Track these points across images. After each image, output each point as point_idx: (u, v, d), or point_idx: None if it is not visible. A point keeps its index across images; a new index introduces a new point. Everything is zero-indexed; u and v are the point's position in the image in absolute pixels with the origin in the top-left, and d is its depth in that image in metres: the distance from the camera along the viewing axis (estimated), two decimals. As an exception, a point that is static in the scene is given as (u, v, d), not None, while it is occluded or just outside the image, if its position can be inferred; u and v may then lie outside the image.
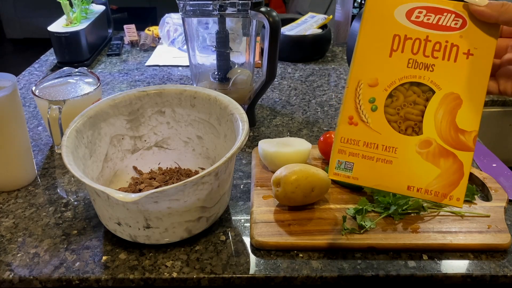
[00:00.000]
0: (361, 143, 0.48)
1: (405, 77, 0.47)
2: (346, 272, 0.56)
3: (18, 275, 0.55)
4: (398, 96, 0.48)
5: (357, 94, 0.48)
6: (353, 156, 0.49)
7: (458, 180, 0.47)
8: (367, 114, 0.48)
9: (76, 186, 0.72)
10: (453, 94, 0.47)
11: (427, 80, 0.47)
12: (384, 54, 0.47)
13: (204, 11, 0.82)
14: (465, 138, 0.47)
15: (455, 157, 0.47)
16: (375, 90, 0.48)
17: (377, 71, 0.47)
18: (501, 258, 0.58)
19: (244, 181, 0.72)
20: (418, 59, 0.47)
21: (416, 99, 0.47)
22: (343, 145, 0.49)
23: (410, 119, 0.48)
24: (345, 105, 0.48)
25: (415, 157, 0.48)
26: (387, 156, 0.48)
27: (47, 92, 0.79)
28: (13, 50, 3.60)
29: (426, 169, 0.47)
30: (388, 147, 0.48)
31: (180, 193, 0.53)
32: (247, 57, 0.91)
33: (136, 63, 1.21)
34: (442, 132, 0.47)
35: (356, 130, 0.48)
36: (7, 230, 0.63)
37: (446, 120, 0.47)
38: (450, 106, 0.47)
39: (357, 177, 0.49)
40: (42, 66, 1.20)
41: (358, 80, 0.48)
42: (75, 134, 0.60)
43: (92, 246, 0.60)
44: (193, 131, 0.71)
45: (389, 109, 0.48)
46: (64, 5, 1.13)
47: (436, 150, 0.47)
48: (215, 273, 0.56)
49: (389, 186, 0.48)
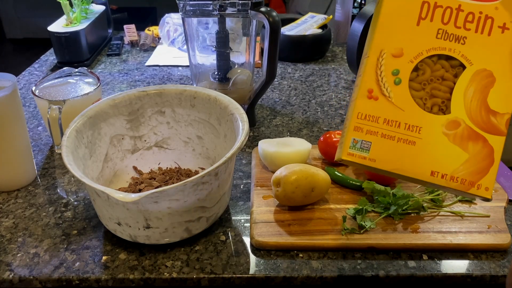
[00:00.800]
0: (381, 120, 0.44)
1: (433, 48, 0.43)
2: (346, 272, 0.56)
3: (18, 275, 0.55)
4: (425, 69, 0.43)
5: (378, 64, 0.43)
6: (371, 134, 0.44)
7: (487, 167, 0.43)
8: (389, 87, 0.43)
9: (76, 186, 0.72)
10: (486, 71, 0.43)
11: (458, 54, 0.43)
12: (411, 22, 0.43)
13: (204, 11, 0.82)
14: (497, 120, 0.43)
15: (485, 141, 0.43)
16: (399, 61, 0.43)
17: (403, 41, 0.43)
18: (501, 258, 0.58)
19: (244, 181, 0.72)
20: (449, 29, 0.43)
21: (444, 74, 0.43)
22: (360, 121, 0.44)
23: (437, 96, 0.43)
24: (364, 76, 0.44)
25: (441, 138, 0.43)
26: (409, 136, 0.43)
27: (47, 92, 0.79)
28: (13, 50, 3.60)
29: (453, 153, 0.43)
30: (412, 126, 0.43)
31: (180, 193, 0.53)
32: (247, 57, 0.91)
33: (136, 63, 1.21)
34: (472, 113, 0.43)
35: (376, 105, 0.44)
36: (7, 230, 0.63)
37: (477, 100, 0.43)
38: (482, 84, 0.43)
39: (375, 159, 0.44)
40: (42, 66, 1.20)
41: (380, 49, 0.43)
42: (75, 134, 0.60)
43: (92, 246, 0.60)
44: (193, 131, 0.71)
45: (414, 84, 0.44)
46: (64, 5, 1.13)
47: (464, 132, 0.43)
48: (215, 273, 0.56)
49: (410, 170, 0.44)
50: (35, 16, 3.48)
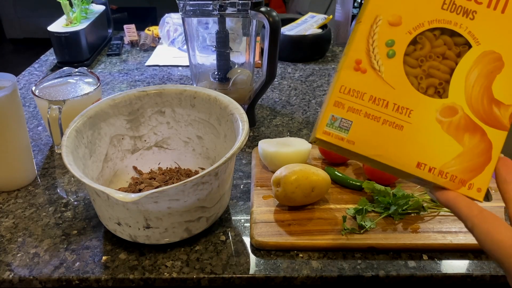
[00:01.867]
0: (367, 96, 0.38)
1: (437, 20, 0.37)
2: (346, 272, 0.56)
3: (18, 275, 0.55)
4: (424, 43, 0.38)
5: (371, 32, 0.38)
6: (354, 112, 0.38)
7: (483, 165, 0.38)
8: (380, 60, 0.38)
9: (76, 186, 0.72)
10: (494, 53, 0.37)
11: (464, 30, 0.37)
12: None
13: (204, 11, 0.82)
14: (500, 112, 0.37)
15: (484, 134, 0.38)
16: (396, 30, 0.38)
17: (403, 7, 0.37)
18: (501, 258, 0.58)
19: (244, 181, 0.72)
20: (457, 1, 0.37)
21: (446, 52, 0.38)
22: (342, 96, 0.38)
23: (435, 76, 0.38)
24: (353, 44, 0.38)
25: (433, 125, 0.38)
26: (397, 119, 0.38)
27: (47, 92, 0.79)
28: (13, 50, 3.60)
29: (445, 144, 0.38)
30: (401, 107, 0.38)
31: (180, 193, 0.53)
32: (247, 57, 0.91)
33: (136, 63, 1.21)
34: (473, 100, 0.37)
35: (363, 79, 0.38)
36: (7, 230, 0.63)
37: (480, 85, 0.37)
38: (488, 69, 0.37)
39: (354, 141, 0.38)
40: (42, 66, 1.20)
41: (376, 14, 0.38)
42: (75, 134, 0.60)
43: (92, 246, 0.60)
44: (193, 131, 0.71)
45: (409, 59, 0.38)
46: (64, 5, 1.13)
47: (461, 121, 0.38)
48: (215, 273, 0.56)
49: (394, 159, 0.38)
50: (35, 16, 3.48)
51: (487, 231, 0.36)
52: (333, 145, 0.38)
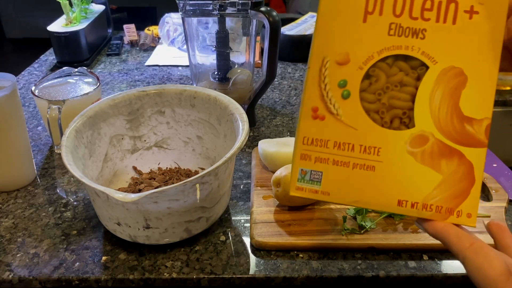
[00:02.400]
0: (331, 143, 0.36)
1: (386, 48, 0.35)
2: (346, 272, 0.56)
3: (17, 275, 0.55)
4: (379, 75, 0.36)
5: (321, 76, 0.36)
6: (322, 162, 0.37)
7: (467, 189, 0.36)
8: (336, 103, 0.36)
9: (75, 186, 0.72)
10: (454, 68, 0.35)
11: (417, 52, 0.35)
12: (355, 19, 0.35)
13: (204, 10, 0.82)
14: (474, 129, 0.35)
15: (462, 156, 0.35)
16: (346, 69, 0.36)
17: (348, 43, 0.35)
18: (501, 259, 0.58)
19: (244, 181, 0.72)
20: (403, 23, 0.35)
21: (403, 79, 0.36)
22: (307, 148, 0.37)
23: (397, 106, 0.36)
24: (306, 92, 0.37)
25: (406, 159, 0.36)
26: (367, 161, 0.36)
27: (47, 92, 0.78)
28: (13, 50, 3.60)
29: (423, 176, 0.36)
30: (368, 147, 0.36)
31: (180, 193, 0.53)
32: (247, 57, 0.91)
33: (135, 63, 1.21)
34: (442, 123, 0.35)
35: (323, 126, 0.36)
36: (6, 230, 0.63)
37: (447, 105, 0.35)
38: (451, 86, 0.35)
39: (328, 192, 0.37)
40: (41, 66, 1.19)
41: (322, 57, 0.36)
42: (75, 134, 0.60)
43: (92, 247, 0.60)
44: (193, 131, 0.71)
45: (366, 95, 0.36)
46: (63, 5, 1.13)
47: (434, 148, 0.35)
48: (215, 273, 0.55)
49: (373, 201, 0.36)
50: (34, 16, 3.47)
51: (480, 266, 0.34)
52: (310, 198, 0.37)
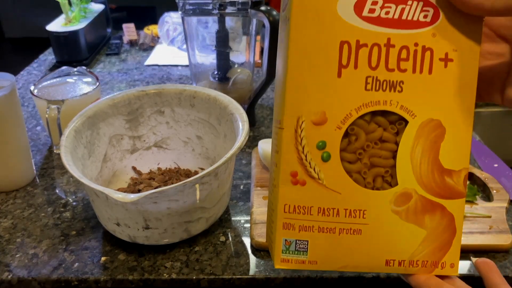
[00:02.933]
0: (315, 210, 0.35)
1: (364, 105, 0.34)
2: (347, 273, 0.55)
3: (16, 276, 0.55)
4: (358, 133, 0.34)
5: (298, 138, 0.34)
6: (306, 230, 0.35)
7: (450, 240, 0.36)
8: (317, 166, 0.34)
9: (75, 187, 0.72)
10: (433, 121, 0.34)
11: (396, 106, 0.34)
12: (330, 74, 0.33)
13: (203, 10, 0.82)
14: (454, 180, 0.35)
15: (444, 209, 0.35)
16: (324, 129, 0.34)
17: (323, 101, 0.33)
18: (502, 259, 0.57)
19: (244, 181, 0.72)
20: (380, 75, 0.33)
21: (383, 135, 0.35)
22: (289, 216, 0.35)
23: (379, 164, 0.35)
24: (283, 156, 0.34)
25: (391, 219, 0.35)
26: (353, 224, 0.35)
27: (46, 91, 0.78)
28: (12, 49, 3.59)
29: (408, 233, 0.35)
30: (353, 210, 0.35)
31: (179, 194, 0.53)
32: (247, 57, 0.90)
33: (135, 62, 1.21)
34: (423, 178, 0.35)
35: (304, 192, 0.34)
36: (5, 230, 0.62)
37: (427, 160, 0.35)
38: (430, 139, 0.34)
39: (316, 260, 0.36)
40: (40, 66, 1.19)
41: (297, 116, 0.34)
42: (74, 134, 0.60)
43: (91, 247, 0.59)
44: (192, 131, 0.71)
45: (346, 155, 0.35)
46: (63, 4, 1.12)
47: (418, 205, 0.35)
48: (214, 274, 0.55)
49: (361, 264, 0.36)
50: (34, 15, 3.47)
51: None
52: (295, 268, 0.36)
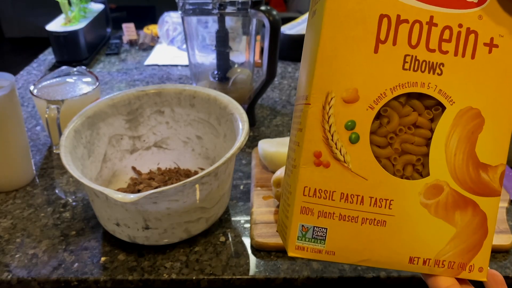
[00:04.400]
0: (337, 195, 0.32)
1: (400, 85, 0.31)
2: (346, 273, 0.55)
3: (16, 276, 0.55)
4: (391, 116, 0.32)
5: (325, 116, 0.31)
6: (326, 217, 0.32)
7: (481, 241, 0.33)
8: (343, 148, 0.32)
9: (74, 187, 0.72)
10: (472, 109, 0.32)
11: (434, 90, 0.31)
12: (365, 49, 0.31)
13: (203, 9, 0.82)
14: (489, 176, 0.32)
15: (476, 206, 0.33)
16: (354, 108, 0.31)
17: (357, 77, 0.31)
18: (503, 259, 0.57)
19: (244, 181, 0.72)
20: (420, 55, 0.31)
21: (418, 120, 0.32)
22: (308, 199, 0.32)
23: (410, 151, 0.33)
24: (307, 133, 0.32)
25: (419, 212, 0.32)
26: (378, 214, 0.32)
27: (46, 91, 0.78)
28: (12, 49, 3.59)
29: (437, 229, 0.33)
30: (380, 199, 0.32)
31: (179, 194, 0.53)
32: (247, 57, 0.90)
33: (135, 62, 1.21)
34: (457, 171, 0.32)
35: (328, 175, 0.32)
36: (5, 230, 0.62)
37: (463, 152, 0.32)
38: (468, 130, 0.32)
39: (334, 251, 0.33)
40: (40, 66, 1.19)
41: (326, 92, 0.31)
42: (74, 134, 0.60)
43: (91, 247, 0.59)
44: (192, 131, 0.71)
45: (377, 138, 0.32)
46: (62, 4, 1.12)
47: (449, 199, 0.32)
48: (214, 274, 0.55)
49: (382, 260, 0.33)
50: (33, 15, 3.47)
51: None
52: (311, 258, 0.33)
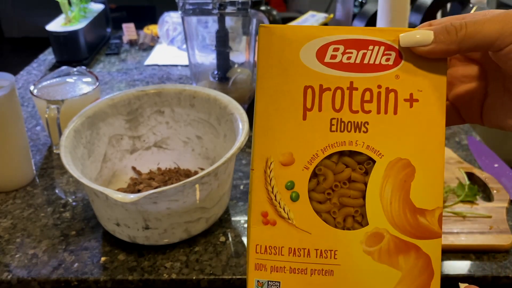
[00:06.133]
0: (286, 250, 0.34)
1: (330, 145, 0.34)
2: (347, 273, 0.55)
3: (16, 276, 0.55)
4: (326, 174, 0.34)
5: (267, 179, 0.34)
6: (278, 271, 0.34)
7: (428, 282, 0.34)
8: (286, 206, 0.34)
9: (74, 187, 0.72)
10: (401, 160, 0.34)
11: (362, 146, 0.34)
12: (295, 117, 0.34)
13: (203, 9, 0.82)
14: (428, 220, 0.34)
15: (419, 249, 0.34)
16: (291, 170, 0.34)
17: (290, 143, 0.34)
18: (503, 259, 0.57)
19: (244, 181, 0.72)
20: (344, 117, 0.34)
21: (351, 175, 0.34)
22: (260, 256, 0.35)
23: (348, 204, 0.34)
24: (254, 196, 0.35)
25: (363, 259, 0.34)
26: (324, 265, 0.34)
27: (46, 91, 0.78)
28: (12, 49, 3.59)
29: (382, 274, 0.34)
30: (324, 251, 0.34)
31: (179, 194, 0.53)
32: (247, 56, 0.90)
33: (135, 62, 1.21)
34: (395, 218, 0.34)
35: (275, 232, 0.34)
36: (5, 230, 0.62)
37: (398, 200, 0.34)
38: (400, 178, 0.34)
39: None
40: (40, 66, 1.19)
41: (265, 158, 0.34)
42: (74, 134, 0.60)
43: (91, 247, 0.59)
44: (192, 131, 0.71)
45: (316, 195, 0.34)
46: (62, 4, 1.12)
47: (391, 245, 0.34)
48: (214, 274, 0.55)
49: None
50: (33, 15, 3.47)
51: None
52: None
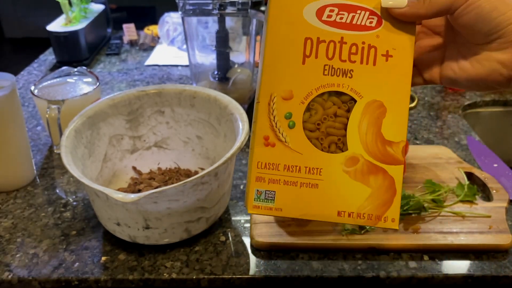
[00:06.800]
0: (281, 166, 0.43)
1: (322, 86, 0.43)
2: (346, 273, 0.55)
3: (17, 276, 0.55)
4: (317, 108, 0.43)
5: (270, 109, 0.43)
6: (274, 183, 0.43)
7: (391, 199, 0.43)
8: (284, 132, 0.43)
9: (75, 187, 0.72)
10: (376, 101, 0.43)
11: (347, 88, 0.43)
12: (296, 62, 0.43)
13: (203, 10, 0.82)
14: (393, 150, 0.43)
15: (385, 172, 0.43)
16: (290, 103, 0.43)
17: (291, 82, 0.43)
18: (502, 259, 0.57)
19: (244, 181, 0.72)
20: (335, 64, 0.43)
21: (337, 111, 0.43)
22: (261, 171, 0.43)
23: (333, 134, 0.43)
24: (258, 123, 0.43)
25: (342, 177, 0.43)
26: (311, 180, 0.43)
27: (46, 92, 0.78)
28: (12, 49, 3.60)
29: (356, 190, 0.43)
30: (312, 168, 0.43)
31: (179, 194, 0.53)
32: (247, 57, 0.90)
33: (135, 62, 1.21)
34: (369, 146, 0.43)
35: (274, 152, 0.43)
36: (6, 230, 0.62)
37: (372, 132, 0.43)
38: (374, 116, 0.43)
39: (281, 208, 0.43)
40: (41, 66, 1.19)
41: (270, 93, 0.43)
42: (74, 134, 0.60)
43: (91, 247, 0.59)
44: (192, 131, 0.71)
45: (308, 125, 0.43)
46: (63, 4, 1.12)
47: (364, 167, 0.43)
48: (215, 274, 0.55)
49: (317, 214, 0.44)
50: (34, 15, 3.47)
51: None
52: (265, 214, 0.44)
